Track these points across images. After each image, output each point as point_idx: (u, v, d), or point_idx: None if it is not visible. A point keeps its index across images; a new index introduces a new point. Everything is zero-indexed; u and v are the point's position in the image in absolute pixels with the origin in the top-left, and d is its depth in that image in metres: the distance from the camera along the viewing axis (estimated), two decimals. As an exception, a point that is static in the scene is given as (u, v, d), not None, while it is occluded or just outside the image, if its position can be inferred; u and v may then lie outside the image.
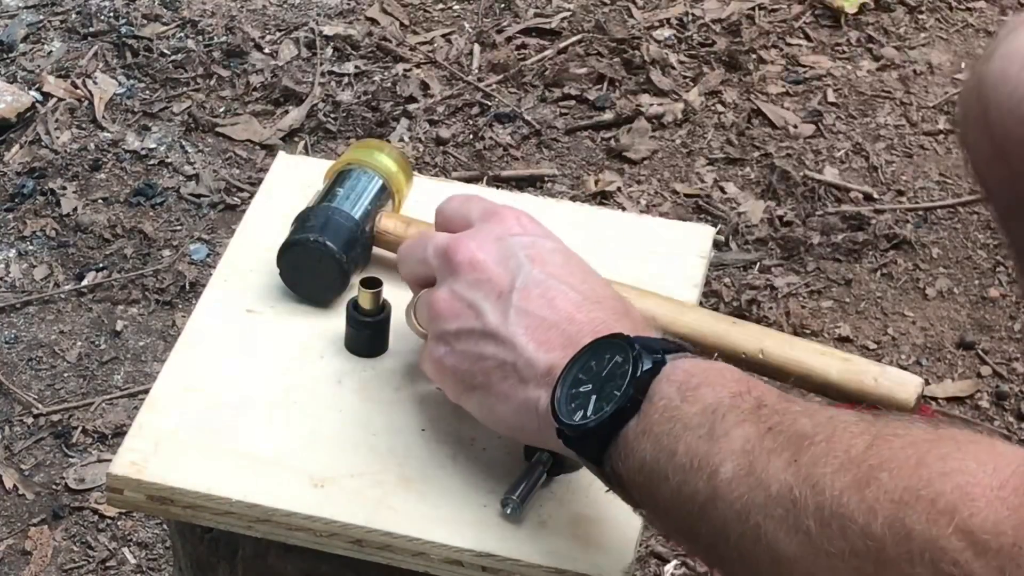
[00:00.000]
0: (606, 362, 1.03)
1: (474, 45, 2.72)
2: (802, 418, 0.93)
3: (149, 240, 2.34)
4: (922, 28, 2.78)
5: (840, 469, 0.86)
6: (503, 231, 1.12)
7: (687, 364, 1.02)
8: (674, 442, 0.97)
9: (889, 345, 2.22)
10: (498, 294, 1.09)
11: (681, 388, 0.99)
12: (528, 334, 1.07)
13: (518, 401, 1.07)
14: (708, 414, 0.97)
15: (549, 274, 1.09)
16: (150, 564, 1.93)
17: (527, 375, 1.06)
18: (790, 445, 0.91)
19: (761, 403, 0.96)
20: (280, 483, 1.15)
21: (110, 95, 2.60)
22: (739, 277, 2.31)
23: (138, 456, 1.16)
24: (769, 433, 0.93)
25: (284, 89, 2.60)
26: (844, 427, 0.90)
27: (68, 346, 2.19)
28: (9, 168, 2.46)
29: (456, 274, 1.11)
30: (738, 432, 0.94)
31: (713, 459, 0.94)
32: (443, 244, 1.13)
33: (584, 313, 1.07)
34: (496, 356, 1.08)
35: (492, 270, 1.10)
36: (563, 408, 1.03)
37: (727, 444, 0.94)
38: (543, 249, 1.11)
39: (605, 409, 1.01)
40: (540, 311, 1.07)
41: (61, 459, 2.04)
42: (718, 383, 0.99)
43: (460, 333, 1.10)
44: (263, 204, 1.40)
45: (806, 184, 2.46)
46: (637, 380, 1.00)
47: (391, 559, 1.12)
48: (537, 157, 2.51)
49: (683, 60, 2.69)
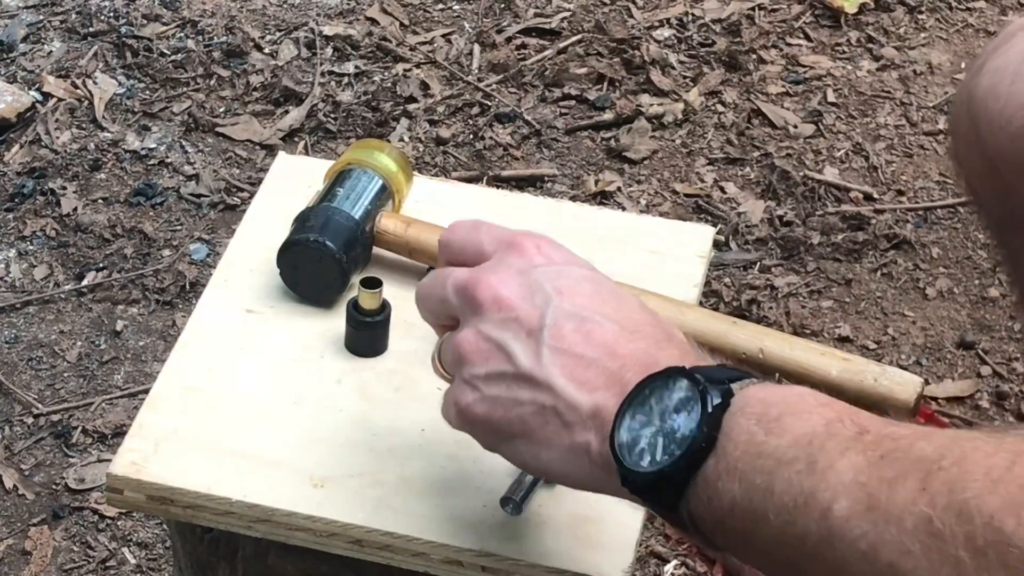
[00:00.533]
0: (666, 399, 0.95)
1: (474, 45, 2.72)
2: (918, 442, 0.85)
3: (149, 240, 2.34)
4: (922, 28, 2.78)
5: (985, 492, 0.80)
6: (525, 263, 1.04)
7: (760, 392, 0.94)
8: (769, 479, 0.89)
9: (889, 345, 2.22)
10: (528, 332, 1.01)
11: (761, 420, 0.91)
12: (566, 374, 0.99)
13: (565, 447, 0.99)
14: (803, 446, 0.89)
15: (580, 306, 1.01)
16: (150, 564, 1.93)
17: (570, 419, 0.98)
18: (915, 472, 0.83)
19: (863, 429, 0.88)
20: (280, 483, 1.15)
21: (110, 95, 2.60)
22: (739, 277, 2.31)
23: (138, 456, 1.16)
24: (882, 461, 0.85)
25: (284, 89, 2.60)
26: (973, 447, 0.83)
27: (68, 346, 2.19)
28: (9, 168, 2.46)
29: (481, 314, 1.03)
30: (844, 463, 0.86)
31: (822, 495, 0.86)
32: (462, 282, 1.04)
33: (624, 345, 0.99)
34: (534, 400, 1.00)
35: (519, 307, 1.01)
36: (626, 454, 0.95)
37: (835, 478, 0.86)
38: (570, 279, 1.03)
39: (676, 452, 0.93)
40: (576, 348, 0.99)
41: (61, 459, 2.04)
42: (803, 411, 0.91)
43: (490, 377, 1.01)
44: (263, 204, 1.40)
45: (806, 184, 2.46)
46: (708, 417, 0.92)
47: (391, 559, 1.12)
48: (537, 157, 2.51)
49: (683, 60, 2.69)
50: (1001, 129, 1.26)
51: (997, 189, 1.31)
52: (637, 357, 0.99)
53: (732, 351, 1.25)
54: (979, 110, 1.28)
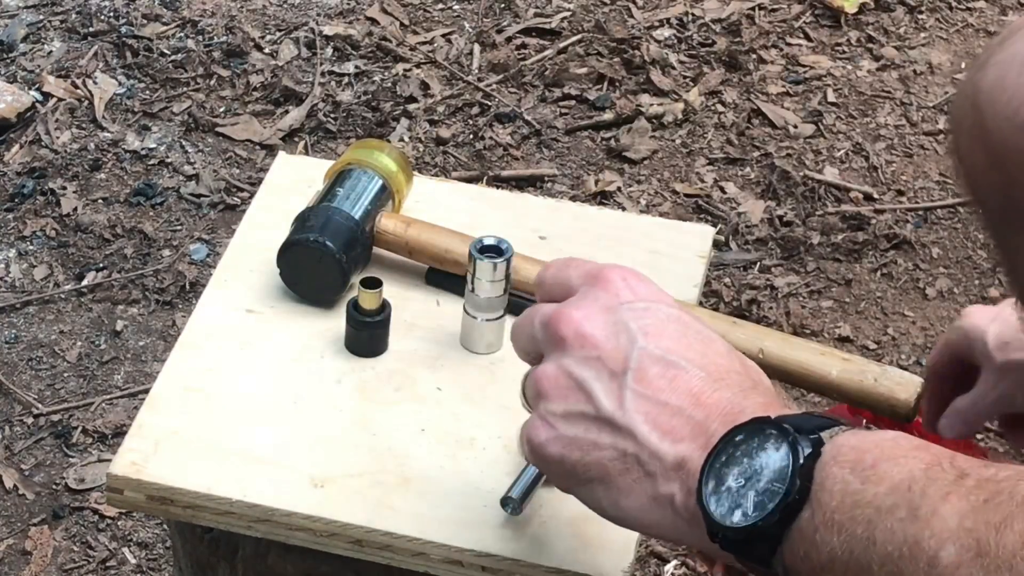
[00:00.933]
0: (755, 451, 0.92)
1: (474, 45, 2.72)
2: (1021, 483, 0.84)
3: (149, 240, 2.34)
4: (922, 28, 2.78)
5: None
6: (611, 299, 1.00)
7: (852, 440, 0.91)
8: (870, 529, 0.86)
9: (889, 345, 2.22)
10: (611, 373, 0.97)
11: (856, 468, 0.89)
12: (649, 422, 0.96)
13: (647, 496, 0.96)
14: (902, 492, 0.86)
15: (666, 350, 0.98)
16: (150, 564, 1.93)
17: (653, 468, 0.95)
18: (1021, 515, 0.82)
19: (962, 473, 0.86)
20: (280, 483, 1.15)
21: (110, 95, 2.60)
22: (739, 277, 2.31)
23: (138, 456, 1.16)
24: (987, 505, 0.83)
25: (284, 89, 2.60)
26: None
27: (68, 346, 2.19)
28: (9, 168, 2.46)
29: (563, 349, 0.99)
30: (947, 509, 0.84)
31: (927, 543, 0.84)
32: (547, 316, 1.01)
33: (710, 394, 0.96)
34: (615, 446, 0.97)
35: (603, 346, 0.98)
36: (715, 508, 0.92)
37: (939, 524, 0.84)
38: (657, 318, 1.00)
39: (769, 506, 0.90)
40: (660, 395, 0.96)
41: (61, 459, 2.04)
42: (899, 456, 0.89)
43: (569, 416, 0.98)
44: (263, 204, 1.40)
45: (806, 184, 2.46)
46: (800, 468, 0.89)
47: (391, 559, 1.12)
48: (537, 157, 2.51)
49: (683, 60, 2.69)
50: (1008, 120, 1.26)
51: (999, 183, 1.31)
52: (722, 407, 0.96)
53: (732, 351, 1.25)
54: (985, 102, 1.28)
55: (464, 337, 1.26)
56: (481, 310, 1.23)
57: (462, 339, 1.26)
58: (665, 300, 1.02)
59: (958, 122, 1.36)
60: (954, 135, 1.38)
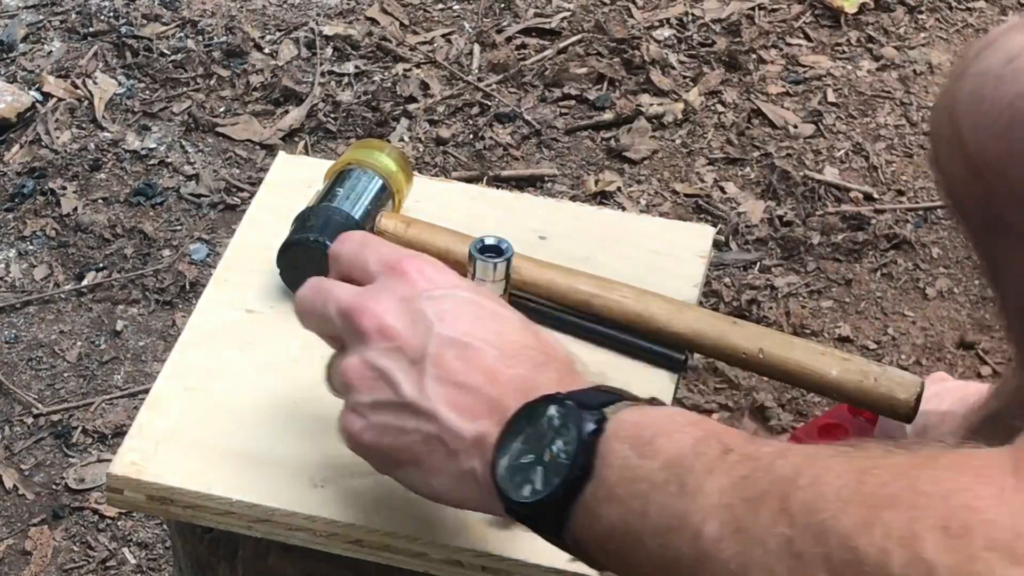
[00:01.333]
0: (544, 428, 0.96)
1: (474, 45, 2.72)
2: (778, 460, 0.87)
3: (149, 240, 2.34)
4: (922, 28, 2.78)
5: (839, 513, 0.82)
6: (408, 290, 1.05)
7: (633, 415, 0.96)
8: (644, 503, 0.91)
9: (889, 345, 2.22)
10: (411, 361, 1.02)
11: (635, 443, 0.93)
12: (449, 403, 1.01)
13: (453, 474, 1.01)
14: (673, 468, 0.91)
15: (462, 332, 1.02)
16: (150, 564, 1.93)
17: (455, 447, 1.00)
18: (775, 493, 0.85)
19: (727, 448, 0.90)
20: (280, 483, 1.15)
21: (110, 95, 2.60)
22: (739, 277, 2.31)
23: (138, 456, 1.16)
24: (745, 481, 0.87)
25: (284, 89, 2.60)
26: (825, 466, 0.85)
27: (68, 346, 2.19)
28: (9, 168, 2.46)
29: (365, 343, 1.05)
30: (712, 485, 0.88)
31: (693, 518, 0.88)
32: (346, 308, 1.06)
33: (504, 371, 1.01)
34: (419, 430, 1.02)
35: (402, 336, 1.03)
36: (508, 484, 0.97)
37: (704, 499, 0.88)
38: (452, 302, 1.05)
39: (555, 481, 0.94)
40: (457, 376, 1.01)
41: (61, 459, 2.04)
42: (674, 431, 0.93)
43: (376, 405, 1.04)
44: (263, 204, 1.40)
45: (806, 184, 2.46)
46: (583, 444, 0.94)
47: (391, 559, 1.12)
48: (537, 157, 2.51)
49: (683, 60, 2.69)
50: (986, 130, 1.26)
51: (979, 193, 1.31)
52: (516, 383, 1.00)
53: (732, 351, 1.25)
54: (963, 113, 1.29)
55: (464, 337, 1.25)
56: (481, 310, 1.23)
57: (462, 339, 1.26)
58: (461, 286, 1.07)
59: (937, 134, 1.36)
60: (933, 146, 1.39)
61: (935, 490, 0.80)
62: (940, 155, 1.35)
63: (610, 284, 1.28)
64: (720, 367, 2.13)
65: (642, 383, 1.24)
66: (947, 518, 0.78)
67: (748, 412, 2.09)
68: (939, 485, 0.80)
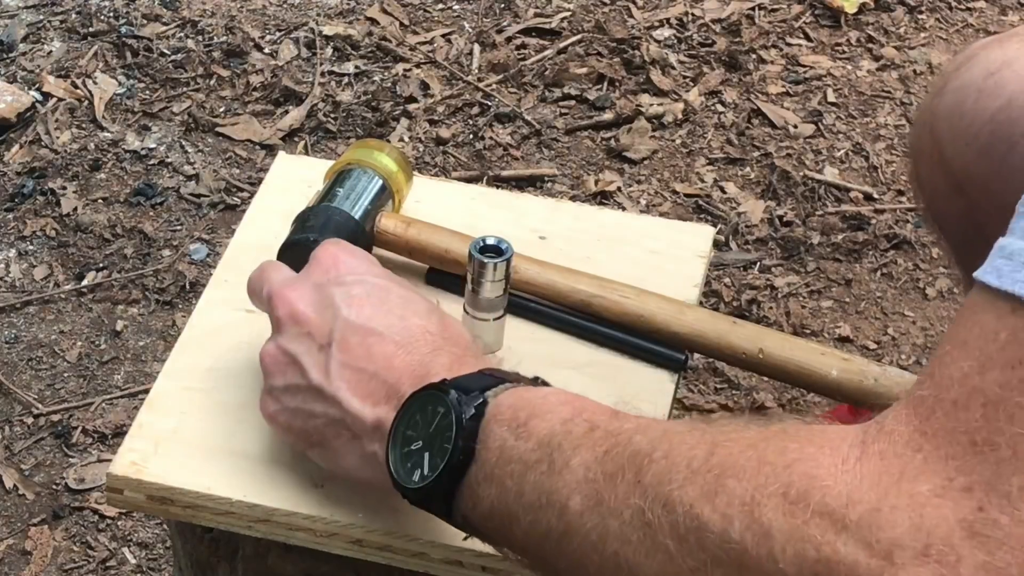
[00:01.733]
0: (430, 415, 1.00)
1: (474, 45, 2.72)
2: (636, 436, 0.91)
3: (149, 240, 2.34)
4: (922, 28, 2.78)
5: (686, 483, 0.85)
6: (321, 276, 1.10)
7: (511, 398, 0.99)
8: (519, 482, 0.95)
9: (889, 345, 2.22)
10: (319, 347, 1.07)
11: (512, 425, 0.97)
12: (351, 388, 1.05)
13: (358, 456, 1.06)
14: (544, 447, 0.95)
15: (366, 319, 1.07)
16: (150, 564, 1.93)
17: (358, 430, 1.05)
18: (631, 466, 0.89)
19: (593, 425, 0.94)
20: (280, 483, 1.15)
21: (110, 95, 2.60)
22: (739, 277, 2.31)
23: (138, 456, 1.16)
24: (606, 456, 0.91)
25: (284, 89, 2.60)
26: (680, 439, 0.88)
27: (68, 346, 2.19)
28: (9, 168, 2.46)
29: (279, 329, 1.10)
30: (577, 461, 0.92)
31: (560, 493, 0.92)
32: (269, 293, 1.11)
33: (403, 357, 1.05)
34: (326, 414, 1.06)
35: (312, 321, 1.08)
36: (399, 469, 1.01)
37: (570, 475, 0.92)
38: (361, 287, 1.09)
39: (440, 466, 0.98)
40: (359, 362, 1.05)
41: (61, 459, 2.04)
42: (547, 411, 0.97)
43: (288, 389, 1.09)
44: (263, 204, 1.40)
45: (806, 184, 2.46)
46: (464, 430, 0.98)
47: (391, 559, 1.12)
48: (537, 157, 2.51)
49: (683, 60, 2.69)
50: (967, 145, 1.26)
51: (961, 208, 1.31)
52: (412, 369, 1.04)
53: (732, 351, 1.25)
54: (943, 128, 1.29)
55: (464, 337, 1.25)
56: (481, 310, 1.23)
57: (462, 339, 1.26)
58: (372, 271, 1.11)
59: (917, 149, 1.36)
60: (913, 162, 1.39)
61: (781, 460, 0.83)
62: (921, 171, 1.36)
63: (610, 284, 1.28)
64: (720, 367, 2.13)
65: (642, 383, 1.24)
66: (787, 485, 0.81)
67: (748, 412, 2.09)
68: (785, 455, 0.83)
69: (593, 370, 1.25)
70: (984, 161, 1.25)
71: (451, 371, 1.03)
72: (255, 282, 1.16)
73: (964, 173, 1.27)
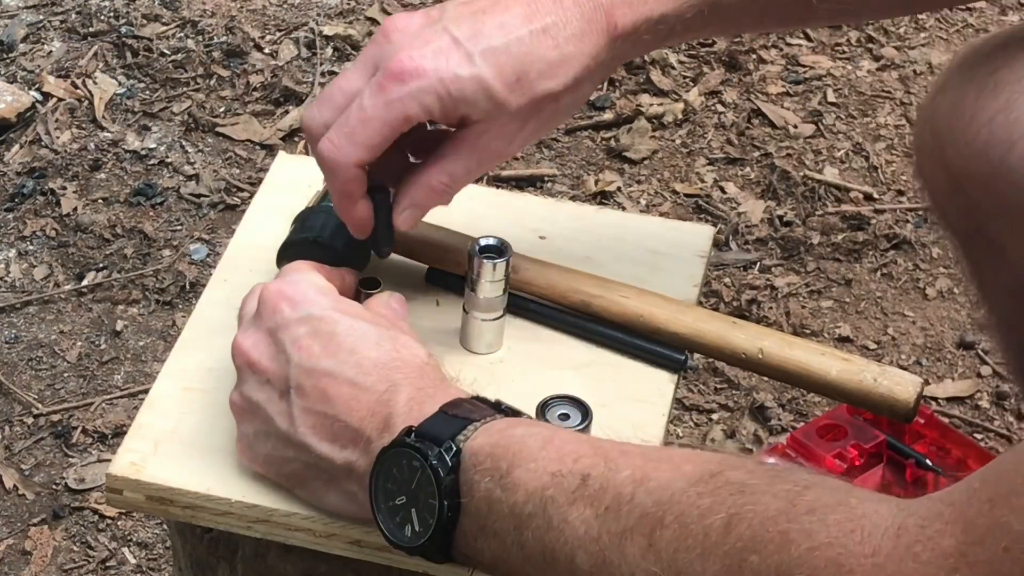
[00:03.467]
0: (406, 470, 0.99)
1: (474, 45, 2.71)
2: (638, 493, 0.89)
3: (149, 240, 2.34)
4: (922, 28, 2.78)
5: (704, 555, 0.83)
6: (270, 320, 1.10)
7: (484, 443, 0.98)
8: (517, 536, 0.94)
9: (889, 345, 2.22)
10: (280, 393, 1.07)
11: (494, 476, 0.96)
12: (316, 434, 1.05)
13: (340, 495, 1.06)
14: (536, 502, 0.93)
15: (316, 361, 1.06)
16: (150, 564, 1.93)
17: (333, 473, 1.05)
18: (640, 529, 0.87)
19: (585, 476, 0.92)
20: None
21: (110, 95, 2.60)
22: (739, 277, 2.31)
23: (138, 456, 1.16)
24: (608, 514, 0.89)
25: (284, 89, 2.60)
26: (690, 504, 0.86)
27: (68, 346, 2.19)
28: (9, 168, 2.46)
29: (241, 378, 1.10)
30: (575, 515, 0.91)
31: (563, 549, 0.91)
32: (233, 341, 1.12)
33: (359, 398, 1.04)
34: (297, 459, 1.07)
35: (268, 369, 1.08)
36: (390, 525, 1.01)
37: (570, 532, 0.91)
38: (307, 329, 1.08)
39: (430, 522, 0.98)
40: (318, 406, 1.05)
41: (61, 459, 2.04)
42: (529, 461, 0.95)
43: (258, 436, 1.09)
44: (263, 204, 1.40)
45: (806, 184, 2.46)
46: (445, 488, 0.97)
47: (391, 559, 1.12)
48: (537, 157, 2.51)
49: (683, 60, 2.69)
50: (966, 145, 1.26)
51: (962, 206, 1.31)
52: (371, 409, 1.03)
53: (732, 351, 1.25)
54: (943, 127, 1.29)
55: (464, 337, 1.25)
56: (481, 310, 1.23)
57: (462, 339, 1.26)
58: (317, 304, 1.09)
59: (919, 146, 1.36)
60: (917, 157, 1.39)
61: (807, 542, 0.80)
62: (923, 167, 1.36)
63: (610, 284, 1.28)
64: (720, 367, 2.13)
65: (642, 383, 1.24)
66: (814, 570, 0.79)
67: (748, 412, 2.09)
68: (812, 538, 0.80)
69: (593, 370, 1.25)
70: (983, 163, 1.25)
71: (411, 412, 1.01)
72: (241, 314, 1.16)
73: (963, 172, 1.27)
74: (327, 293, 1.13)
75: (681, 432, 2.07)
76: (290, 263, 1.19)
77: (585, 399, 1.15)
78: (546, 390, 1.16)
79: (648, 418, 1.20)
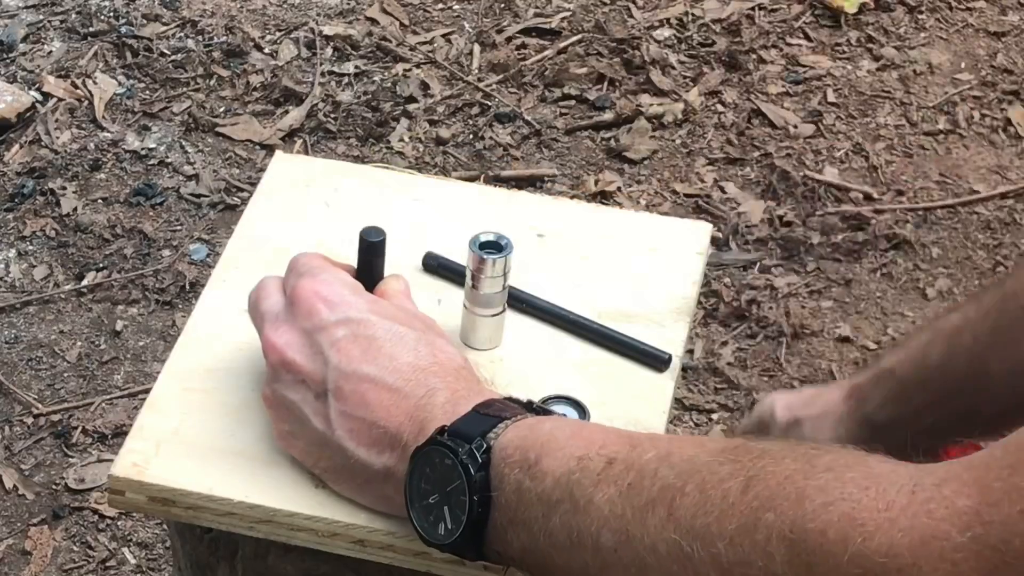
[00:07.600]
0: (439, 468, 1.00)
1: (474, 45, 2.72)
2: (661, 468, 0.90)
3: (149, 240, 2.34)
4: (922, 28, 2.78)
5: (723, 516, 0.84)
6: (307, 320, 1.09)
7: (514, 437, 0.99)
8: (545, 523, 0.95)
9: (889, 345, 2.22)
10: (316, 395, 1.07)
11: (523, 467, 0.97)
12: (354, 438, 1.05)
13: (375, 496, 1.06)
14: (563, 487, 0.95)
15: (356, 365, 1.06)
16: (150, 564, 1.93)
17: (369, 477, 1.05)
18: (661, 500, 0.89)
19: (610, 459, 0.94)
20: (282, 483, 1.14)
21: (110, 95, 2.60)
22: (739, 277, 2.31)
23: (139, 457, 1.16)
24: (631, 490, 0.91)
25: (284, 89, 2.60)
26: (711, 471, 0.88)
27: (68, 346, 2.19)
28: (9, 168, 2.46)
29: (274, 376, 1.10)
30: (600, 497, 0.92)
31: (589, 531, 0.92)
32: (262, 336, 1.11)
33: (398, 403, 1.04)
34: (332, 460, 1.07)
35: (304, 370, 1.07)
36: (425, 524, 1.02)
37: (595, 512, 0.92)
38: (346, 331, 1.07)
39: (462, 519, 0.99)
40: (357, 411, 1.05)
41: (61, 459, 2.04)
42: (556, 449, 0.96)
43: (293, 434, 1.09)
44: (261, 204, 1.39)
45: (806, 184, 2.46)
46: (476, 482, 0.98)
47: (393, 559, 1.12)
48: (537, 157, 2.51)
49: (683, 60, 2.70)
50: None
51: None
52: (410, 414, 1.04)
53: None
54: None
55: (464, 333, 1.25)
56: (480, 306, 1.23)
57: (461, 335, 1.25)
58: (355, 307, 1.09)
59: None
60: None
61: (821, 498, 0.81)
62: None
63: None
64: (720, 367, 2.13)
65: (641, 382, 1.24)
66: (827, 524, 0.80)
67: (748, 412, 2.09)
68: (826, 493, 0.81)
69: (593, 370, 1.25)
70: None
71: (447, 413, 1.02)
72: (251, 308, 1.15)
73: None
74: (361, 293, 1.12)
75: (681, 432, 2.07)
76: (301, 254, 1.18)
77: (585, 396, 1.15)
78: (546, 387, 1.16)
79: (648, 416, 1.20)
